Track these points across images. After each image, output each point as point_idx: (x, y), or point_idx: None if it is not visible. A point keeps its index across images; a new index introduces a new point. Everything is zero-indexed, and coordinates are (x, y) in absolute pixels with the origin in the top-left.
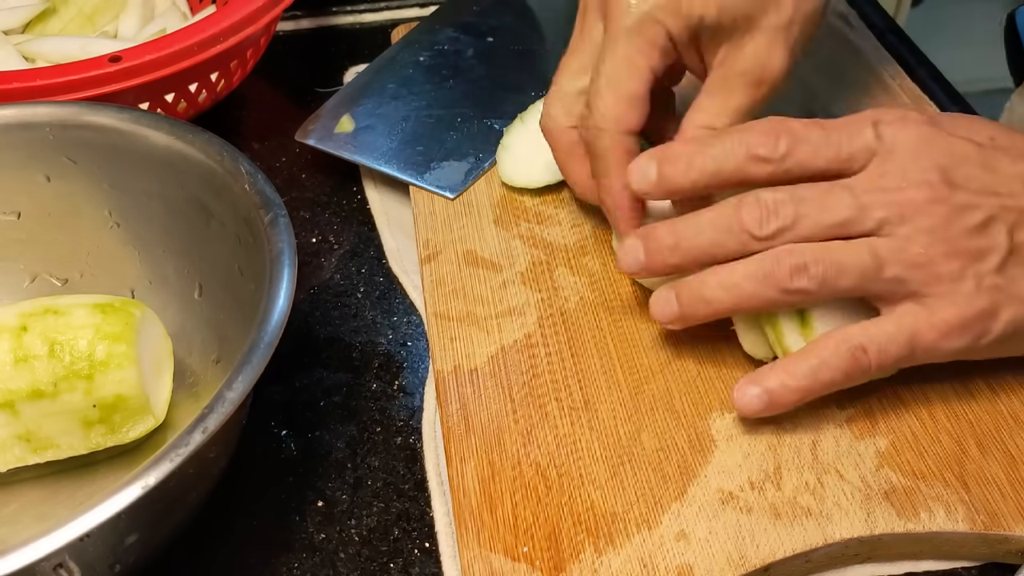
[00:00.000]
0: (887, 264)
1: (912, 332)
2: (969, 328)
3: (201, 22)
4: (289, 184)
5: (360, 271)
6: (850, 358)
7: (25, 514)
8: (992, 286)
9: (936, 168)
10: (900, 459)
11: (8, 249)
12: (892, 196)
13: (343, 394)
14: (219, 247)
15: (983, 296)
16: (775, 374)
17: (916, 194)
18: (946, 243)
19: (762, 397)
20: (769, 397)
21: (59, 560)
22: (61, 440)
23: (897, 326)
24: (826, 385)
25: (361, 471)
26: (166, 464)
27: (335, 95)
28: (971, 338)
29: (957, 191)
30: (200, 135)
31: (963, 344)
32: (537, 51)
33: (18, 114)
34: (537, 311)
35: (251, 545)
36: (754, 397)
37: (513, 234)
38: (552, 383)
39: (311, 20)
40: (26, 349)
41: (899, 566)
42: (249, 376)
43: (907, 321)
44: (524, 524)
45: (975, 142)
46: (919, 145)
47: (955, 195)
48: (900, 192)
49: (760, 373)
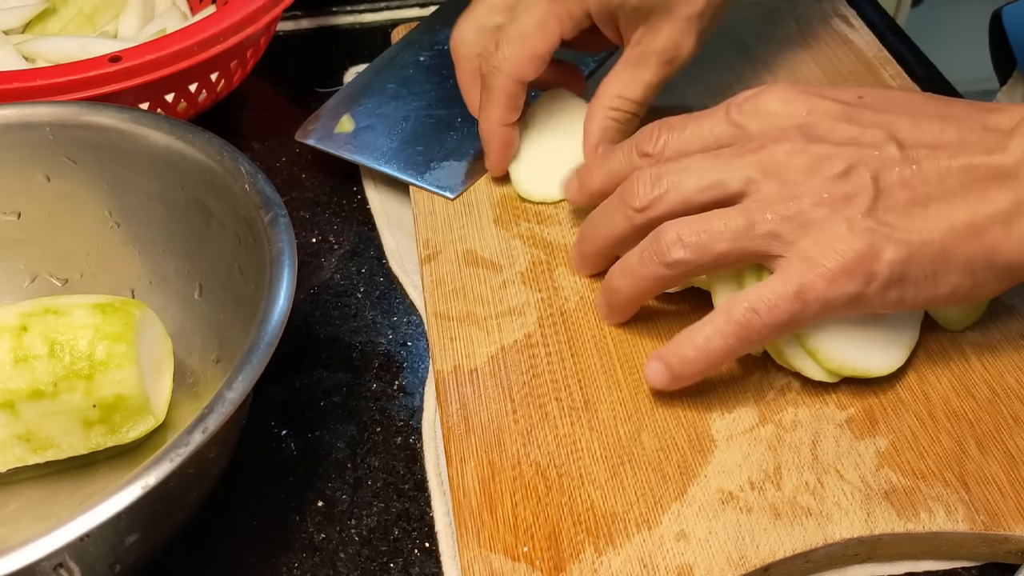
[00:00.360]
0: (758, 221)
1: (798, 285)
2: (852, 272)
3: (201, 22)
4: (289, 184)
5: (360, 271)
6: (742, 321)
7: (25, 514)
8: (866, 228)
9: (796, 126)
10: (900, 459)
11: (8, 249)
12: (755, 155)
13: (343, 394)
14: (219, 247)
15: (858, 238)
16: (673, 348)
17: (777, 149)
18: (812, 193)
19: (664, 371)
20: (671, 371)
21: (59, 560)
22: (61, 440)
23: (783, 281)
24: (722, 352)
25: (361, 471)
26: (166, 464)
27: (335, 95)
28: (859, 283)
29: (816, 143)
30: (200, 135)
31: (852, 290)
32: None
33: (18, 114)
34: (537, 311)
35: (251, 545)
36: (657, 372)
37: (513, 234)
38: (552, 383)
39: (311, 20)
40: (26, 349)
41: (899, 566)
42: (249, 376)
43: (792, 275)
44: (524, 524)
45: (840, 101)
46: (779, 108)
47: (814, 146)
48: (762, 150)
49: (663, 348)
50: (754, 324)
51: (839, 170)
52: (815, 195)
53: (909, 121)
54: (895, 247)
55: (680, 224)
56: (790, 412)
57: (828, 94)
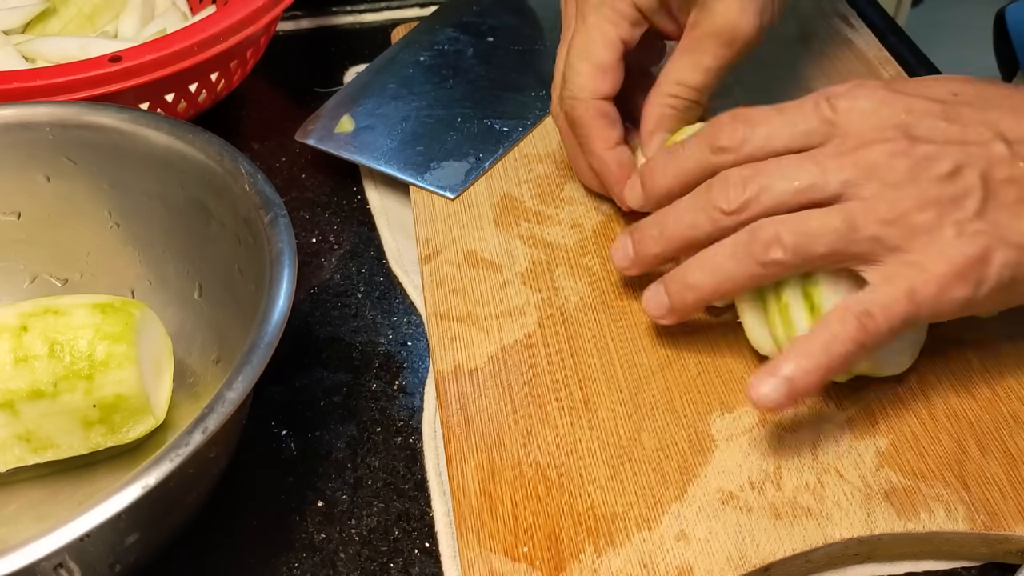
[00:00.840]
0: (860, 225)
1: (909, 288)
2: (964, 277)
3: (201, 22)
4: (289, 184)
5: (360, 271)
6: (858, 326)
7: (25, 514)
8: (976, 231)
9: (895, 126)
10: (900, 459)
11: (8, 249)
12: (852, 157)
13: (343, 394)
14: (219, 247)
15: (968, 242)
16: (789, 359)
17: (876, 151)
18: (916, 196)
19: (781, 386)
20: (789, 385)
21: (59, 560)
22: (61, 440)
23: (893, 286)
24: (843, 359)
25: (361, 471)
26: (166, 464)
27: (335, 95)
28: (970, 287)
29: (918, 144)
30: (200, 135)
31: (964, 294)
32: (537, 51)
33: (18, 114)
34: (537, 311)
35: (251, 545)
36: (772, 388)
37: (513, 234)
38: (552, 383)
39: (311, 20)
40: (26, 349)
41: (899, 566)
42: (249, 376)
43: (901, 280)
44: (524, 524)
45: (936, 99)
46: (876, 107)
47: (917, 147)
48: (860, 152)
49: (772, 363)
50: (870, 328)
51: (945, 171)
52: (920, 198)
53: (1012, 117)
54: (1005, 250)
55: (779, 223)
56: (790, 412)
57: (923, 92)
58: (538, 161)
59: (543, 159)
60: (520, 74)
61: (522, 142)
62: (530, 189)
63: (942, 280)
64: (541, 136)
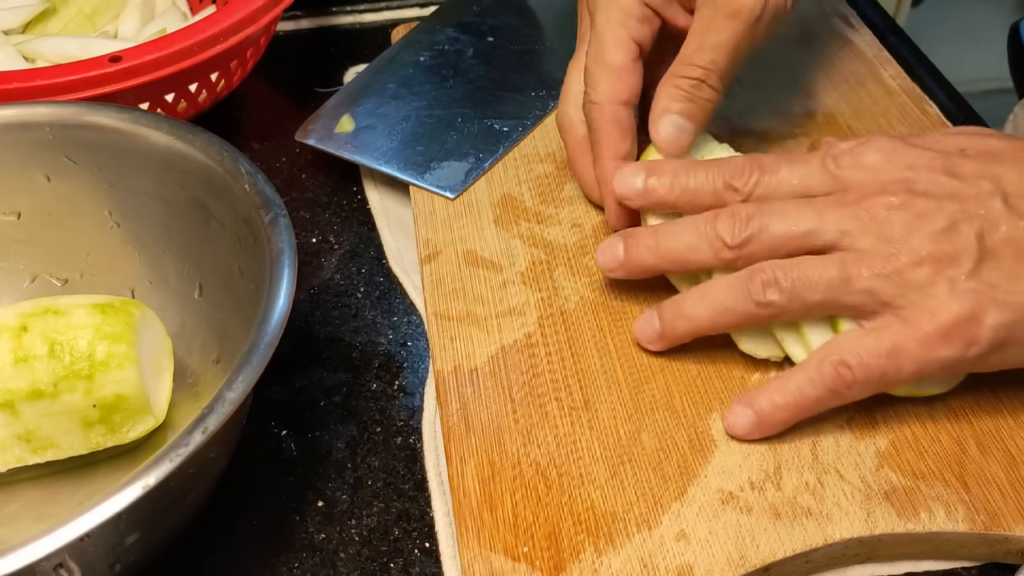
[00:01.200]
0: (854, 277)
1: (893, 344)
2: (951, 336)
3: (201, 22)
4: (289, 184)
5: (360, 271)
6: (834, 374)
7: (25, 514)
8: (969, 290)
9: (896, 180)
10: (900, 459)
11: (8, 249)
12: (852, 209)
13: (343, 394)
14: (219, 247)
15: (960, 301)
16: (764, 394)
17: (876, 204)
18: (911, 251)
19: (751, 418)
20: (758, 418)
21: (59, 560)
22: (61, 440)
23: (877, 339)
24: (813, 402)
25: (361, 471)
26: (166, 464)
27: (335, 95)
28: (958, 347)
29: (918, 198)
30: (200, 135)
31: (950, 354)
32: (537, 51)
33: (18, 114)
34: (537, 311)
35: (251, 545)
36: (743, 419)
37: (513, 234)
38: (552, 383)
39: (311, 20)
40: (26, 349)
41: (899, 566)
42: (249, 376)
43: (887, 334)
44: (524, 524)
45: (942, 153)
46: (879, 162)
47: (916, 201)
48: (860, 204)
49: (750, 394)
50: (844, 378)
51: (941, 227)
52: (915, 253)
53: (1016, 172)
54: (999, 310)
55: (778, 266)
56: None
57: (930, 145)
58: (538, 161)
59: (543, 159)
60: (520, 74)
61: (522, 142)
62: (530, 189)
63: (927, 339)
64: (541, 136)
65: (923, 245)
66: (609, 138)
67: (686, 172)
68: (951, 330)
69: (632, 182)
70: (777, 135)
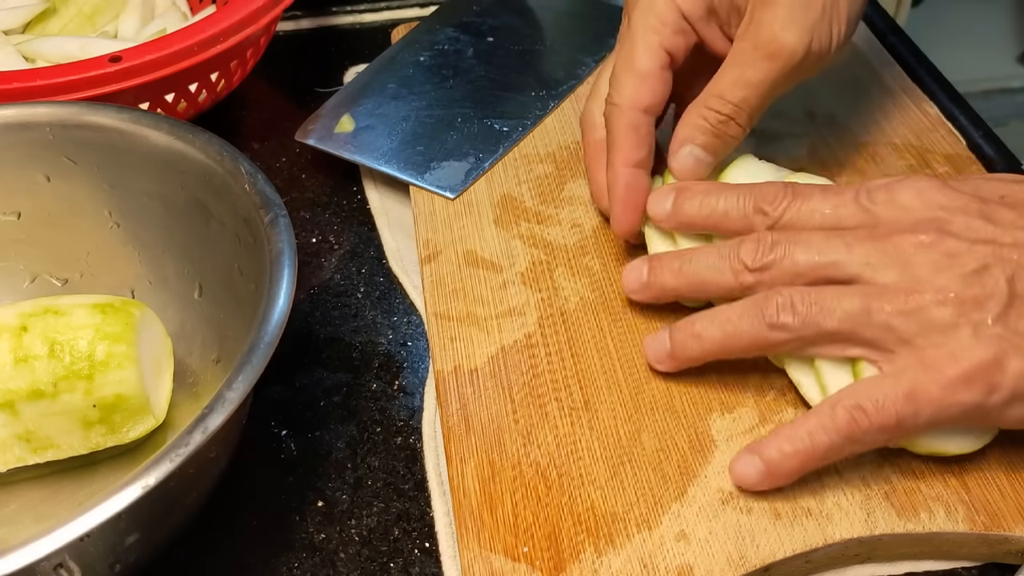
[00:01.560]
0: (875, 310)
1: (911, 387)
2: (973, 381)
3: (201, 22)
4: (289, 184)
5: (360, 271)
6: (848, 419)
7: (25, 514)
8: (994, 336)
9: (928, 220)
10: (900, 459)
11: (8, 249)
12: (880, 243)
13: (343, 394)
14: (219, 247)
15: (983, 346)
16: (772, 442)
17: (904, 241)
18: (937, 289)
19: (759, 467)
20: (766, 467)
21: (59, 560)
22: (61, 440)
23: (895, 382)
24: (825, 450)
25: (361, 471)
26: (166, 464)
27: (335, 95)
28: (979, 393)
29: (948, 238)
30: (200, 135)
31: (971, 400)
32: (537, 51)
33: (18, 114)
34: (537, 311)
35: (251, 545)
36: (751, 469)
37: (513, 234)
38: (552, 383)
39: (311, 20)
40: (26, 349)
41: (899, 566)
42: (249, 376)
43: (905, 377)
44: (524, 524)
45: (979, 198)
46: (912, 200)
47: (945, 241)
48: (888, 239)
49: (757, 442)
50: (860, 423)
51: (970, 269)
52: (940, 292)
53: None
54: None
55: (795, 291)
56: (790, 412)
57: (968, 189)
58: (538, 161)
59: (543, 159)
60: (520, 74)
61: (522, 142)
62: (530, 189)
63: (947, 382)
64: (541, 136)
65: (950, 285)
66: (624, 143)
67: (717, 193)
68: (973, 375)
69: (662, 207)
70: (777, 135)
